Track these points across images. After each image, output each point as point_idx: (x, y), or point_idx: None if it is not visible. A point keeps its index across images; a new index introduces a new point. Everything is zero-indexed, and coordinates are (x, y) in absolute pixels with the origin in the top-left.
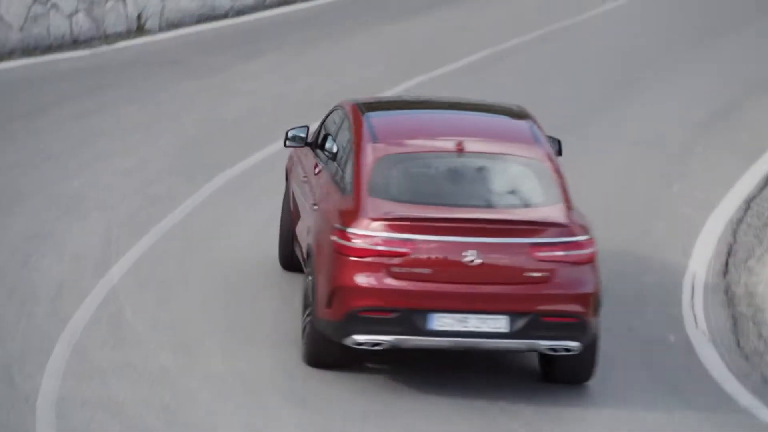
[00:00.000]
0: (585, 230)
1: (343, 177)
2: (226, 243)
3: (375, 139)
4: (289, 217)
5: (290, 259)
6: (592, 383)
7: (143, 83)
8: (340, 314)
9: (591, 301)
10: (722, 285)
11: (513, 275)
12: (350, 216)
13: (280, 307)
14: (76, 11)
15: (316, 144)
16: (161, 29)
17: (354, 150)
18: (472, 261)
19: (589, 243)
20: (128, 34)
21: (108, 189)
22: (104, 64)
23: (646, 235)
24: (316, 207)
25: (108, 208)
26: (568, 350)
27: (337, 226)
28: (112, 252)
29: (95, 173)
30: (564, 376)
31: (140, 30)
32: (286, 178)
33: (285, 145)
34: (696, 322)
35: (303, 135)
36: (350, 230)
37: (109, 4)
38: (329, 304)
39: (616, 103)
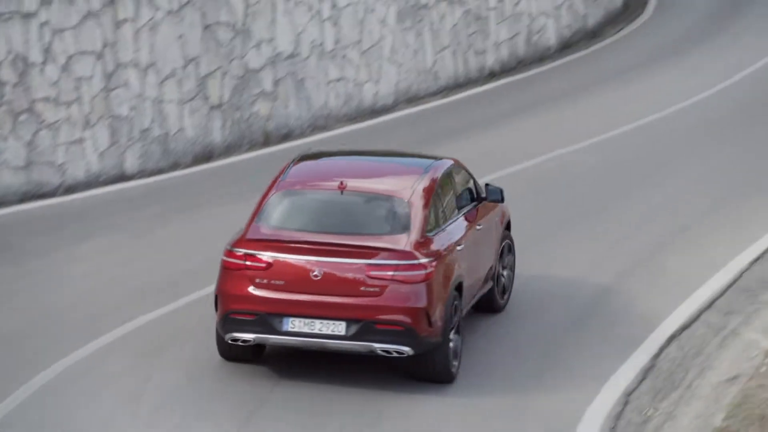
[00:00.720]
0: (419, 257)
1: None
2: None
3: (283, 179)
4: (217, 308)
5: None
6: None
7: None
8: (220, 316)
9: (418, 313)
10: None
11: (350, 289)
12: (236, 238)
13: None
14: None
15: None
16: None
17: (267, 188)
18: (317, 276)
19: (421, 267)
20: None
21: None
22: None
23: None
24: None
25: None
26: (400, 353)
27: (227, 246)
28: None
29: None
30: (425, 375)
31: None
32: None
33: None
34: None
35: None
36: (231, 248)
37: None
38: (216, 308)
39: None
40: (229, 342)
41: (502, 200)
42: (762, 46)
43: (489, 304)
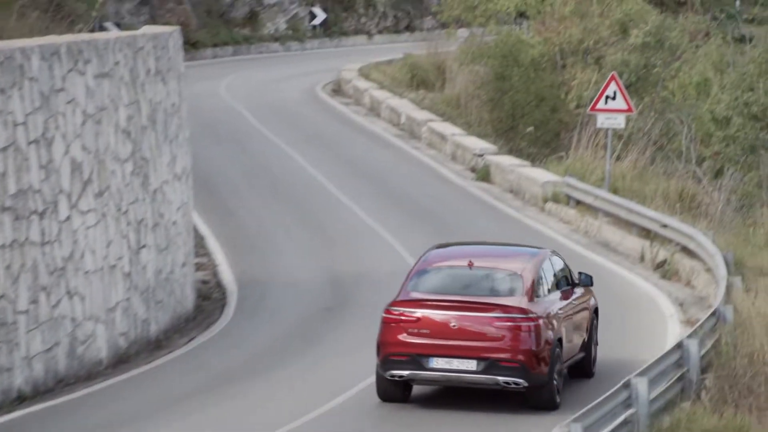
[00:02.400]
0: (528, 312)
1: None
2: None
3: (424, 260)
4: (378, 353)
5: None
6: None
7: None
8: (382, 358)
9: (530, 354)
10: None
11: (479, 335)
12: (392, 301)
13: None
14: None
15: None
16: None
17: (412, 267)
18: (454, 326)
19: (531, 319)
20: None
21: None
22: None
23: None
24: None
25: None
26: (517, 384)
27: (386, 306)
28: None
29: None
30: (535, 405)
31: None
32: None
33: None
34: None
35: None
36: (389, 308)
37: None
38: (378, 353)
39: None
40: (388, 378)
41: (591, 284)
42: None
43: (583, 371)
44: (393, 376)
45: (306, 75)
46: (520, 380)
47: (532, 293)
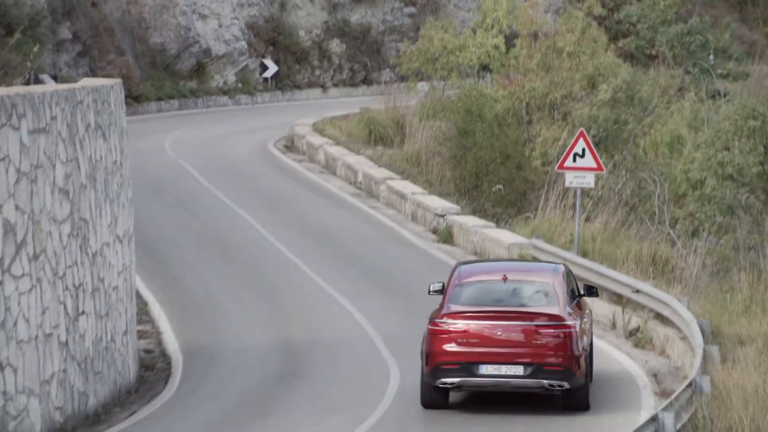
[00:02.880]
0: (567, 319)
1: (441, 300)
2: None
3: (458, 276)
4: (426, 363)
5: (429, 395)
6: None
7: None
8: (431, 368)
9: (572, 358)
10: None
11: (524, 342)
12: (437, 313)
13: None
14: None
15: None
16: None
17: (447, 285)
18: (500, 334)
19: (569, 326)
20: None
21: None
22: None
23: None
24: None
25: None
26: (561, 386)
27: (432, 318)
28: None
29: None
30: (571, 406)
31: None
32: (424, 345)
33: (429, 293)
34: None
35: (440, 287)
36: (435, 321)
37: None
38: (427, 363)
39: None
40: (439, 386)
41: (597, 294)
42: None
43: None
44: (444, 383)
45: (257, 130)
46: (564, 383)
47: (564, 302)
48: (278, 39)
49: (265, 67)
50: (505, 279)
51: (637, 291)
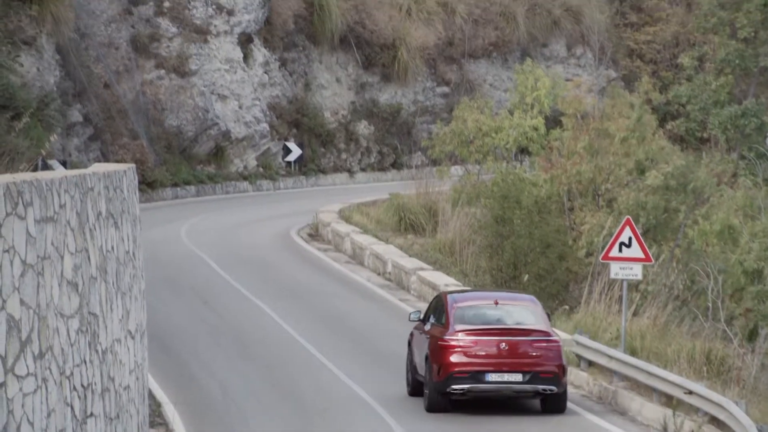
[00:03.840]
0: (554, 336)
1: (441, 321)
2: None
3: (454, 302)
4: (411, 365)
5: (415, 389)
6: None
7: None
8: (444, 377)
9: (560, 367)
10: None
11: (523, 354)
12: (445, 331)
13: None
14: None
15: (426, 317)
16: None
17: (445, 308)
18: (504, 347)
19: (557, 341)
20: None
21: None
22: None
23: None
24: (428, 337)
25: None
26: (551, 391)
27: (440, 336)
28: None
29: None
30: (552, 409)
31: None
32: (409, 344)
33: (410, 320)
34: None
35: (419, 316)
36: (445, 338)
37: None
38: (438, 373)
39: None
40: (448, 392)
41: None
42: None
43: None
44: (455, 390)
45: (279, 217)
46: (554, 387)
47: (547, 322)
48: (302, 120)
49: (288, 151)
50: (496, 303)
51: (690, 392)
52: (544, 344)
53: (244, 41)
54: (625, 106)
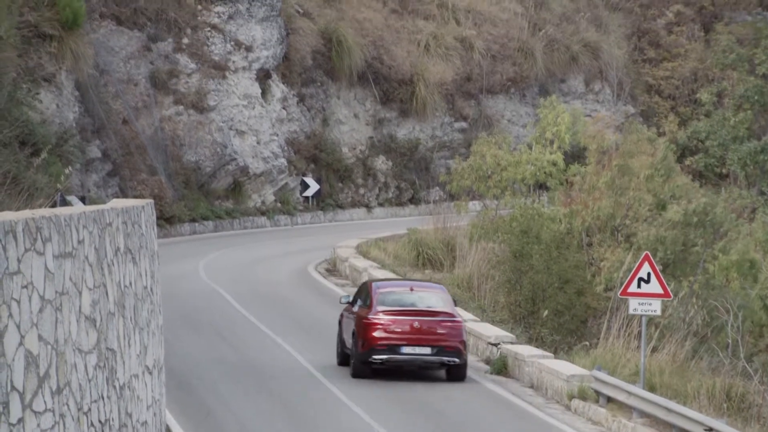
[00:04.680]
0: (457, 316)
1: (366, 303)
2: None
3: (377, 288)
4: (341, 339)
5: (342, 360)
6: None
7: None
8: (367, 348)
9: (462, 342)
10: None
11: (432, 332)
12: (369, 312)
13: None
14: None
15: (354, 300)
16: None
17: (370, 294)
18: (417, 326)
19: (459, 321)
20: None
21: None
22: None
23: None
24: (355, 317)
25: None
26: (454, 362)
27: (365, 315)
28: None
29: None
30: (455, 378)
31: None
32: (339, 323)
33: (340, 302)
34: None
35: (348, 299)
36: (368, 317)
37: None
38: (362, 346)
39: None
40: (371, 361)
41: (455, 303)
42: None
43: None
44: (375, 360)
45: (297, 253)
46: (457, 359)
47: (452, 306)
48: (320, 156)
49: (306, 186)
50: (412, 290)
51: (710, 429)
52: (449, 324)
53: (263, 77)
54: (644, 142)
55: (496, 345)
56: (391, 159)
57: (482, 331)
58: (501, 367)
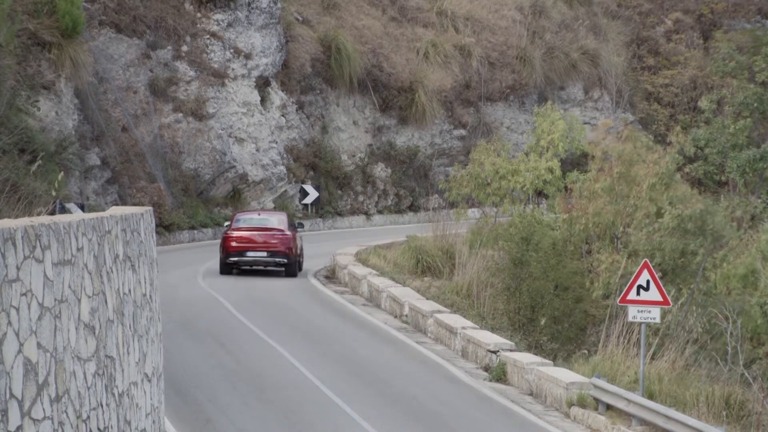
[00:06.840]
0: (287, 231)
1: (230, 226)
2: None
3: (237, 216)
4: (222, 253)
5: (224, 268)
6: None
7: None
8: (225, 253)
9: (289, 248)
10: None
11: (267, 241)
12: (227, 231)
13: None
14: None
15: (228, 226)
16: None
17: (232, 220)
18: (260, 237)
19: (288, 235)
20: None
21: None
22: None
23: None
24: (224, 235)
25: None
26: (284, 262)
27: (227, 233)
28: None
29: None
30: (289, 274)
31: None
32: (221, 244)
33: (222, 226)
34: None
35: (227, 225)
36: (227, 232)
37: None
38: (223, 252)
39: None
40: (228, 262)
41: (302, 226)
42: None
43: (294, 271)
44: (231, 261)
45: None
46: (285, 260)
47: (288, 226)
48: (319, 163)
49: (305, 193)
50: (259, 214)
51: None
52: (280, 236)
53: (262, 84)
54: (643, 149)
55: (495, 352)
56: (390, 166)
57: (481, 339)
58: (500, 375)
